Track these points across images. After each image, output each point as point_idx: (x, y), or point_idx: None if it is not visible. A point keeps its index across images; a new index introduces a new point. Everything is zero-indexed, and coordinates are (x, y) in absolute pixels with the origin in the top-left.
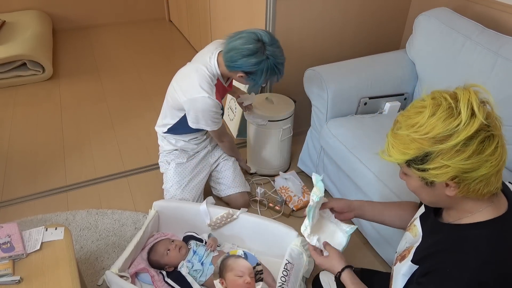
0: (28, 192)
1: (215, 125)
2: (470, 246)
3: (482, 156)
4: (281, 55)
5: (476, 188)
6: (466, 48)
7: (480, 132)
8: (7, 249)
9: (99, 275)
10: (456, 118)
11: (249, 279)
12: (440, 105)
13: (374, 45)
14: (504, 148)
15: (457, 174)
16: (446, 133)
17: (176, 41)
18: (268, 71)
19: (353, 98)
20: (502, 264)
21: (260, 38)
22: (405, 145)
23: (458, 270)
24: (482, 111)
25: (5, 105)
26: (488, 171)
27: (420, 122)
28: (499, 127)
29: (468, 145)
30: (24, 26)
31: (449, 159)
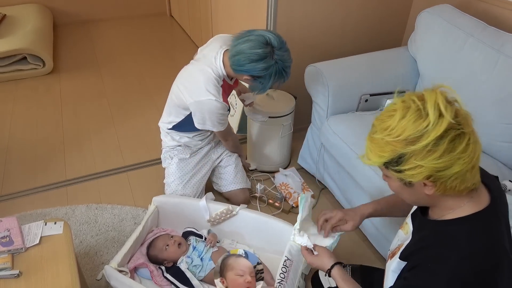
0: (27, 186)
1: (221, 126)
2: (449, 241)
3: (454, 154)
4: (289, 58)
5: (453, 185)
6: (468, 46)
7: (450, 131)
8: (6, 243)
9: (98, 270)
10: (425, 120)
11: (249, 278)
12: (409, 107)
13: (375, 41)
14: (477, 144)
15: (431, 173)
16: (417, 134)
17: (177, 36)
18: (276, 75)
19: (354, 95)
20: (481, 259)
21: (269, 42)
22: (381, 148)
23: (438, 265)
24: (450, 111)
25: (5, 99)
26: (461, 168)
27: (392, 125)
28: (470, 124)
29: (439, 144)
30: (24, 20)
31: (422, 159)
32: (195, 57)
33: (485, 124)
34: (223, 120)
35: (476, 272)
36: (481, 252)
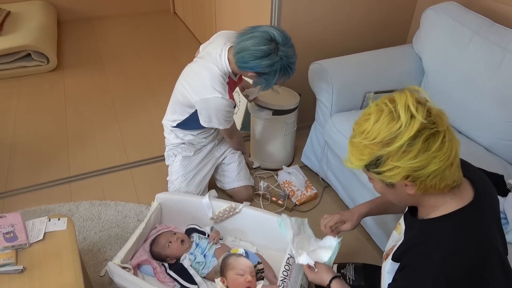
0: (31, 183)
1: (227, 124)
2: (434, 239)
3: (429, 153)
4: (293, 54)
5: (432, 184)
6: (474, 43)
7: (424, 130)
8: (10, 239)
9: (101, 266)
10: (397, 121)
11: (250, 278)
12: (382, 110)
13: (380, 39)
14: (453, 142)
15: (408, 173)
16: (391, 136)
17: (180, 33)
18: (281, 72)
19: (358, 92)
20: (466, 256)
21: (273, 38)
22: (360, 151)
23: (423, 264)
24: (421, 111)
25: (9, 96)
26: (438, 166)
27: (368, 129)
28: (444, 122)
29: (413, 144)
30: (29, 16)
31: (398, 160)
32: (197, 55)
33: (490, 122)
34: (229, 117)
35: (462, 269)
36: (466, 248)
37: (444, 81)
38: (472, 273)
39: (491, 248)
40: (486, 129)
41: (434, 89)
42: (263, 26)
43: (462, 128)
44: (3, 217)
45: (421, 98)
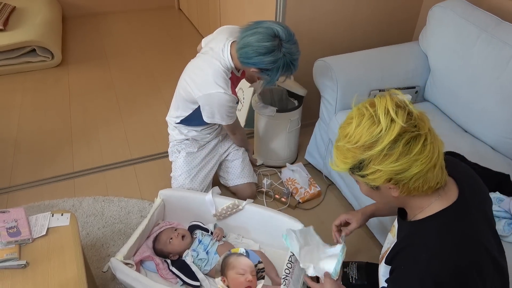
0: (35, 178)
1: (230, 119)
2: (420, 240)
3: (411, 156)
4: (297, 50)
5: (416, 186)
6: (481, 41)
7: (404, 134)
8: (14, 234)
9: (104, 262)
10: (378, 125)
11: (250, 277)
12: (363, 115)
13: (386, 36)
14: (435, 144)
15: (391, 176)
16: (372, 140)
17: (185, 29)
18: (284, 68)
19: (363, 90)
20: (452, 255)
21: (277, 34)
22: (344, 155)
23: (411, 266)
24: (401, 115)
25: (14, 91)
26: (420, 169)
27: (350, 133)
28: (426, 125)
29: (394, 148)
30: (34, 12)
31: (380, 164)
32: (199, 49)
33: (496, 121)
34: (232, 113)
35: (448, 269)
36: (451, 248)
37: (450, 79)
38: (459, 273)
39: (478, 246)
40: (492, 128)
41: (440, 87)
42: (267, 21)
43: (468, 127)
44: (7, 212)
45: (401, 102)
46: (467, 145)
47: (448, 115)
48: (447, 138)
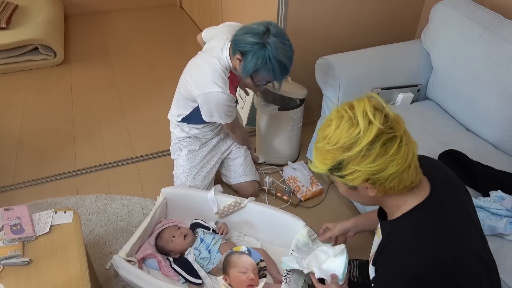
0: (38, 176)
1: (228, 118)
2: (397, 238)
3: (387, 157)
4: (283, 52)
5: (392, 186)
6: (484, 39)
7: (381, 135)
8: (17, 231)
9: (107, 259)
10: (356, 127)
11: (252, 276)
12: (343, 117)
13: (388, 34)
14: (410, 145)
15: (368, 176)
16: (351, 141)
17: (187, 27)
18: (259, 60)
19: (365, 88)
20: (428, 248)
21: (268, 26)
22: (323, 156)
23: (391, 262)
24: (378, 117)
25: (17, 89)
26: (396, 169)
27: (330, 135)
28: (401, 127)
29: (371, 149)
30: (36, 10)
31: (358, 164)
32: (199, 39)
33: (499, 119)
34: (230, 112)
35: (425, 262)
36: (427, 241)
37: (452, 77)
38: (437, 265)
39: (454, 238)
40: (494, 126)
41: (442, 85)
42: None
43: (469, 125)
44: (10, 209)
45: (378, 105)
46: (469, 143)
47: (450, 113)
48: (449, 137)
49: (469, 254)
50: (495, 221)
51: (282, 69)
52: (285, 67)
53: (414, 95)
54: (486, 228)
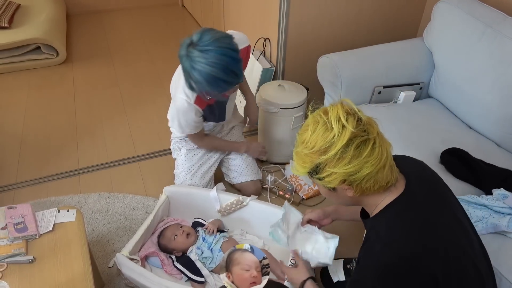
0: (41, 175)
1: (188, 129)
2: (374, 233)
3: (361, 159)
4: (202, 61)
5: (368, 186)
6: (487, 37)
7: (355, 138)
8: (21, 229)
9: (110, 258)
10: (331, 132)
11: (255, 273)
12: (318, 122)
13: (390, 33)
14: (383, 147)
15: (344, 177)
16: (326, 145)
17: (189, 26)
18: (185, 73)
19: (367, 86)
20: (402, 242)
21: (193, 34)
22: (302, 160)
23: (367, 257)
24: (351, 121)
25: (19, 88)
26: (371, 170)
27: (307, 139)
28: (375, 129)
29: (346, 151)
30: (38, 9)
31: (334, 167)
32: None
33: (502, 117)
34: (191, 123)
35: (397, 255)
36: (401, 235)
37: (455, 76)
38: (407, 258)
39: (426, 232)
40: (497, 124)
41: (445, 83)
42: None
43: (472, 123)
44: (14, 208)
45: (351, 110)
46: (471, 141)
47: (452, 112)
48: (451, 135)
49: (447, 247)
50: (498, 219)
51: (211, 80)
52: (215, 78)
53: (416, 93)
54: (489, 226)
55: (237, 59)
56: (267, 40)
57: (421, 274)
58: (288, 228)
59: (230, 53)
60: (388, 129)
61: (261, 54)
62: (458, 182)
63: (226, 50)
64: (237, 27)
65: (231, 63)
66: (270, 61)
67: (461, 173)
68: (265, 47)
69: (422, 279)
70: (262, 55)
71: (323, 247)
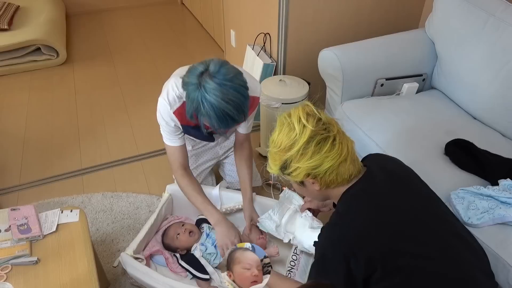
0: (44, 175)
1: (165, 135)
2: (329, 219)
3: (322, 154)
4: (220, 95)
5: (331, 179)
6: (489, 26)
7: (315, 136)
8: (24, 231)
9: (115, 257)
10: (293, 131)
11: (256, 272)
12: (283, 124)
13: (391, 24)
14: (344, 143)
15: (308, 171)
16: (290, 142)
17: (188, 24)
18: (194, 102)
19: (369, 79)
20: (348, 225)
21: (208, 63)
22: (273, 158)
23: (319, 237)
24: (311, 121)
25: (21, 90)
26: (331, 163)
27: (274, 139)
28: (335, 127)
29: (308, 148)
30: (37, 10)
31: (298, 162)
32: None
33: (506, 107)
34: (165, 129)
35: (339, 235)
36: (342, 222)
37: (458, 66)
38: (343, 239)
39: (378, 211)
40: (502, 114)
41: (448, 74)
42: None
43: (476, 114)
44: (17, 209)
45: (311, 111)
46: (476, 132)
47: (456, 102)
48: (456, 126)
49: (396, 225)
50: (504, 209)
51: (222, 116)
52: (226, 114)
53: (419, 84)
54: (496, 217)
55: (248, 97)
56: (267, 35)
57: (350, 253)
58: (283, 215)
59: (244, 92)
60: (392, 121)
61: (262, 50)
62: (464, 173)
63: (243, 89)
64: (237, 22)
65: (244, 102)
66: (270, 56)
67: (466, 164)
68: (265, 42)
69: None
70: (262, 51)
71: (312, 235)
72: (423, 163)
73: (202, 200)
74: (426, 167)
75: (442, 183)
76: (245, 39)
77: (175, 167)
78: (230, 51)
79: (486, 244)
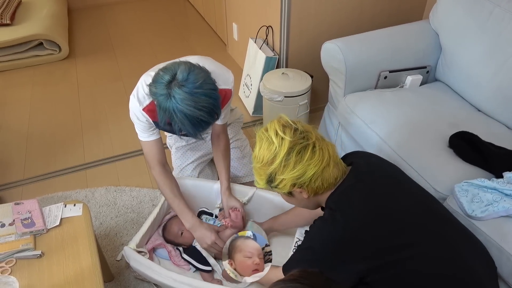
0: (48, 170)
1: (139, 132)
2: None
3: (304, 163)
4: (191, 104)
5: (318, 185)
6: (495, 16)
7: (295, 146)
8: (28, 225)
9: (118, 251)
10: (273, 145)
11: (258, 260)
12: (262, 139)
13: (395, 16)
14: (324, 149)
15: (294, 182)
16: (272, 156)
17: (190, 17)
18: (166, 112)
19: (372, 71)
20: (338, 220)
21: (176, 71)
22: (258, 173)
23: (307, 234)
24: (288, 133)
25: (24, 85)
26: (315, 170)
27: (256, 155)
28: (313, 135)
29: (289, 159)
30: (39, 5)
31: (282, 174)
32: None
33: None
34: (138, 126)
35: (330, 230)
36: (333, 218)
37: (462, 58)
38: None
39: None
40: (507, 106)
41: (452, 66)
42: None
43: (481, 106)
44: (21, 203)
45: (287, 123)
46: (480, 124)
47: (460, 95)
48: (460, 118)
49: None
50: (509, 202)
51: (196, 123)
52: (200, 120)
53: (423, 77)
54: (501, 210)
55: (219, 98)
56: (269, 28)
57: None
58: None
59: (215, 95)
60: (395, 114)
61: (264, 43)
62: (468, 166)
63: (213, 93)
64: (239, 15)
65: (216, 105)
66: (273, 49)
67: (470, 157)
68: (267, 35)
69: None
70: (265, 44)
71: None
72: (426, 155)
73: (178, 203)
74: (430, 159)
75: (446, 176)
76: (247, 32)
77: (152, 164)
78: (233, 44)
79: (490, 237)
